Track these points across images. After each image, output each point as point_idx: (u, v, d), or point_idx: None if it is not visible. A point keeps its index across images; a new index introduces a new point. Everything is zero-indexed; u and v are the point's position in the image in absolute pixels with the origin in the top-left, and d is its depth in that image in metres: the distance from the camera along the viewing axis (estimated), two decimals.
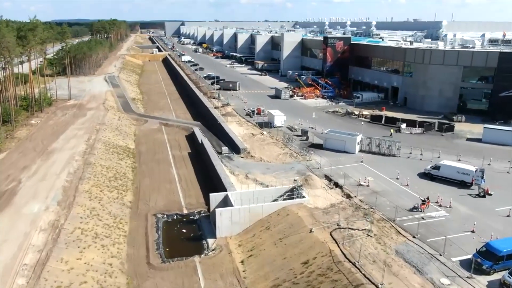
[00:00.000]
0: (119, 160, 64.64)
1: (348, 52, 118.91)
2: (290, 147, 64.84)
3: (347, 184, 50.61)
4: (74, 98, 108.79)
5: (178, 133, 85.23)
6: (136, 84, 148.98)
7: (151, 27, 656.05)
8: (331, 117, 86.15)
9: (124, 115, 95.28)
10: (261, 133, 72.92)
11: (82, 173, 55.17)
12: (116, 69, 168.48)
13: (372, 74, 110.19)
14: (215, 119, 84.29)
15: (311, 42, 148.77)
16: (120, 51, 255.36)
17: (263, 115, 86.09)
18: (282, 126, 76.64)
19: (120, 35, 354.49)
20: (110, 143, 71.56)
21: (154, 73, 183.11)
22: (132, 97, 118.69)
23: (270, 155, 62.00)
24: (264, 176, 54.47)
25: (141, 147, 75.70)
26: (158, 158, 69.45)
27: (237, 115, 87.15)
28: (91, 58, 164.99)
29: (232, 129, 75.69)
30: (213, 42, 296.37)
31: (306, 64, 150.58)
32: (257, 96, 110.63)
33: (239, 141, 67.74)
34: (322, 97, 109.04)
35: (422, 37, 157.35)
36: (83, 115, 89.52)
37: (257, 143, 68.03)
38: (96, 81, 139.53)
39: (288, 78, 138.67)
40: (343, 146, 62.56)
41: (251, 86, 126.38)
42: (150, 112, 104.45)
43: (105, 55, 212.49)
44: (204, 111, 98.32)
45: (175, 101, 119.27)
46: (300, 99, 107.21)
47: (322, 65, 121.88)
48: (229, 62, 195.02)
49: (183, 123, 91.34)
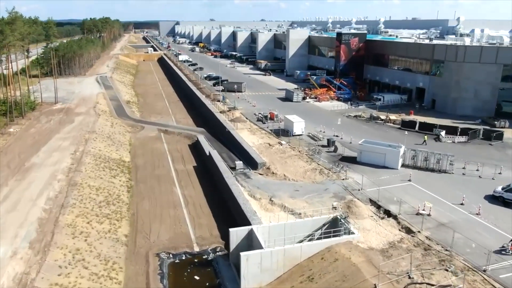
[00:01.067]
0: (111, 178, 53.55)
1: (363, 49, 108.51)
2: (317, 161, 54.08)
3: (402, 212, 39.94)
4: (61, 101, 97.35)
5: (180, 142, 74.25)
6: (131, 86, 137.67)
7: (145, 27, 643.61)
8: (354, 123, 75.56)
9: (117, 121, 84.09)
10: (279, 143, 62.15)
11: (65, 198, 44.06)
12: (108, 69, 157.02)
13: (392, 74, 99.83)
14: (222, 126, 73.40)
15: (320, 39, 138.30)
16: (113, 51, 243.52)
17: (277, 120, 75.34)
18: (302, 134, 65.92)
19: (113, 34, 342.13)
20: (101, 156, 60.43)
21: (149, 74, 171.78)
22: (126, 100, 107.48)
23: (296, 172, 51.23)
24: (294, 201, 43.69)
25: (138, 159, 64.66)
26: (158, 174, 58.46)
27: (247, 121, 76.31)
28: (82, 57, 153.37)
29: (244, 138, 64.87)
30: (210, 41, 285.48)
31: (314, 63, 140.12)
32: (265, 98, 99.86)
33: (255, 154, 56.92)
34: (337, 99, 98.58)
35: (436, 34, 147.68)
36: (70, 122, 78.19)
37: (276, 156, 57.22)
38: (87, 82, 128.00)
39: (296, 79, 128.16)
40: (382, 160, 51.95)
41: (256, 87, 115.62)
42: (147, 116, 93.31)
43: (97, 55, 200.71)
44: (208, 116, 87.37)
45: (174, 104, 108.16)
46: (313, 101, 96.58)
47: (335, 64, 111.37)
48: (229, 62, 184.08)
49: (185, 130, 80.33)
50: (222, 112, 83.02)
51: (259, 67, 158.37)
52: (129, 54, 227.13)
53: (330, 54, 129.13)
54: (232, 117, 78.21)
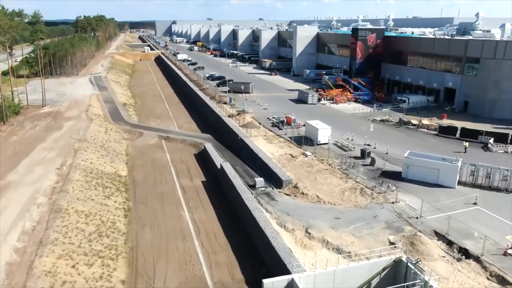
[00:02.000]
0: (105, 199, 44.04)
1: (381, 46, 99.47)
2: (355, 178, 44.81)
3: (483, 251, 30.73)
4: (50, 104, 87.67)
5: (184, 151, 64.81)
6: (127, 86, 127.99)
7: (140, 26, 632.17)
8: (383, 128, 66.36)
9: (112, 126, 74.50)
10: (303, 154, 52.84)
11: (44, 231, 34.58)
12: (103, 69, 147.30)
13: (415, 73, 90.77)
14: (232, 133, 64.00)
15: (330, 36, 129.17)
16: (108, 50, 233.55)
17: (294, 126, 66.06)
18: (328, 142, 56.64)
19: (109, 33, 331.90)
20: (93, 170, 50.88)
21: (147, 73, 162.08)
22: (122, 102, 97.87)
23: (331, 192, 41.95)
24: (337, 233, 34.40)
25: (137, 173, 55.16)
26: (161, 192, 49.01)
27: (261, 127, 66.96)
28: (75, 56, 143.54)
29: (260, 147, 55.52)
30: (209, 40, 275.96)
31: (323, 62, 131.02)
32: (275, 100, 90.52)
33: (277, 168, 47.56)
34: (354, 100, 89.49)
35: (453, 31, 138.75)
36: (58, 128, 68.57)
37: (302, 171, 47.93)
38: (80, 83, 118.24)
39: (305, 79, 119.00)
40: (435, 176, 42.79)
41: (264, 88, 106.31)
42: (146, 121, 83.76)
43: (91, 54, 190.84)
44: (214, 120, 77.96)
45: (174, 107, 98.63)
46: (329, 103, 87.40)
47: (350, 63, 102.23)
48: (230, 61, 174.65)
49: (189, 137, 70.88)
50: (231, 116, 73.61)
51: (263, 66, 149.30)
52: (125, 53, 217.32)
53: (342, 52, 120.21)
54: (243, 122, 68.82)
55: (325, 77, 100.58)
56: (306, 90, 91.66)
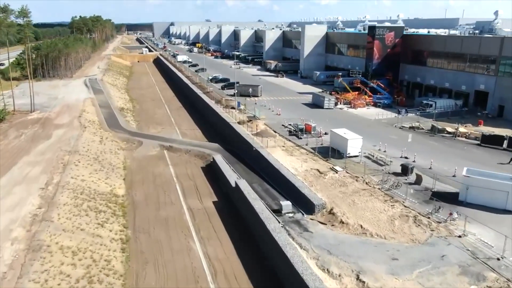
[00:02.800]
0: (98, 228, 36.00)
1: (400, 46, 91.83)
2: (402, 201, 36.88)
3: None
4: (39, 109, 79.59)
5: (189, 163, 56.87)
6: (124, 89, 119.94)
7: (138, 28, 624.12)
8: (415, 137, 58.23)
9: (108, 135, 66.48)
10: (332, 169, 44.93)
11: (17, 280, 26.54)
12: (99, 71, 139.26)
13: (440, 75, 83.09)
14: (245, 142, 56.07)
15: (341, 36, 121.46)
16: (105, 52, 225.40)
17: (314, 134, 58.17)
18: (358, 155, 48.74)
19: (106, 34, 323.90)
20: (84, 189, 42.85)
21: (145, 75, 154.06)
22: (119, 107, 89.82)
23: (377, 220, 34.02)
24: (400, 282, 26.45)
25: (136, 191, 47.17)
26: (165, 217, 41.02)
27: (277, 135, 59.02)
28: (69, 57, 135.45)
29: (280, 160, 47.59)
30: (209, 41, 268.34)
31: (333, 63, 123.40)
32: (287, 104, 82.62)
33: (306, 189, 39.60)
34: (373, 104, 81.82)
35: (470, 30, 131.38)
36: (46, 137, 60.52)
37: (335, 191, 40.02)
38: (74, 86, 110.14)
39: (315, 81, 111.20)
40: (503, 200, 34.95)
41: (272, 91, 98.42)
42: (145, 128, 75.80)
43: (87, 55, 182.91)
44: (222, 127, 70.08)
45: (176, 112, 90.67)
46: (347, 108, 79.61)
47: (366, 63, 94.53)
48: (233, 62, 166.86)
49: (195, 146, 62.91)
50: (241, 122, 65.65)
51: (268, 68, 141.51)
52: (122, 54, 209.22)
53: (354, 53, 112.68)
54: (256, 129, 60.89)
55: (341, 79, 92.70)
56: (321, 94, 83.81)
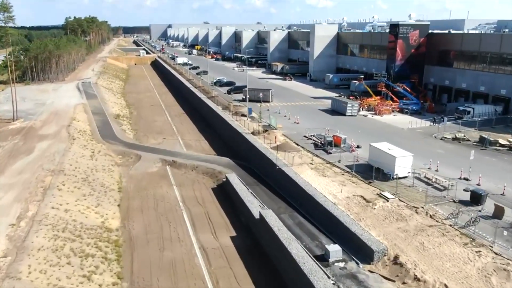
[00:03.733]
0: (82, 283, 26.75)
1: (424, 46, 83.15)
2: (489, 245, 27.77)
3: None
4: (24, 117, 70.33)
5: (197, 183, 47.70)
6: (121, 94, 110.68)
7: (135, 31, 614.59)
8: (463, 151, 49.25)
9: (101, 147, 57.23)
10: (380, 195, 35.83)
11: None
12: (94, 74, 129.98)
13: (473, 77, 74.27)
14: (264, 158, 46.92)
15: (355, 36, 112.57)
16: (100, 54, 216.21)
17: (345, 148, 49.14)
18: (408, 175, 39.66)
19: (102, 36, 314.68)
20: (68, 224, 33.61)
21: (142, 79, 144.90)
22: (114, 114, 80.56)
23: (465, 277, 24.90)
24: None
25: (134, 223, 37.97)
26: (172, 261, 31.80)
27: (301, 149, 49.87)
28: (61, 59, 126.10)
29: (311, 181, 38.48)
30: (208, 43, 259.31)
31: (345, 65, 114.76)
32: (304, 111, 73.57)
33: (357, 226, 30.43)
34: (399, 110, 73.04)
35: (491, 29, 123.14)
36: (27, 152, 51.22)
37: (392, 228, 30.90)
38: (65, 90, 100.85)
39: (328, 84, 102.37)
40: None
41: (283, 96, 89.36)
42: (144, 138, 66.65)
43: (81, 58, 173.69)
44: (232, 138, 61.00)
45: (178, 119, 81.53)
46: (371, 115, 70.73)
47: (387, 65, 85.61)
48: (235, 65, 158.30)
49: (203, 161, 53.72)
50: (256, 133, 56.51)
51: (273, 71, 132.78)
52: (118, 57, 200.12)
53: (369, 54, 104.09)
54: (274, 141, 51.77)
55: (363, 82, 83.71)
56: (342, 99, 74.89)
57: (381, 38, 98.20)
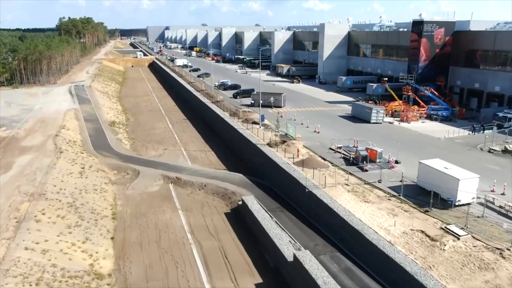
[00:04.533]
0: None
1: (449, 45, 75.78)
2: None
3: None
4: (7, 125, 62.47)
5: (207, 207, 39.87)
6: (117, 97, 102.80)
7: (132, 34, 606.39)
8: None
9: (93, 161, 49.31)
10: (446, 230, 28.08)
11: None
12: (88, 77, 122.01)
13: (510, 80, 66.88)
14: (286, 176, 39.17)
15: (370, 35, 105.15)
16: (96, 56, 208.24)
17: (382, 163, 41.42)
18: (472, 202, 31.96)
19: (98, 38, 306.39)
20: (46, 271, 25.68)
21: (140, 81, 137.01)
22: (109, 120, 72.69)
23: None
24: None
25: (132, 264, 30.05)
26: None
27: (329, 165, 42.07)
28: (52, 61, 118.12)
29: (352, 210, 30.72)
30: (208, 45, 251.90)
31: (357, 67, 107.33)
32: (321, 117, 65.92)
33: (428, 277, 22.69)
34: (427, 116, 65.65)
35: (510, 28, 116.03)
36: (4, 168, 43.22)
37: (478, 282, 23.15)
38: (56, 94, 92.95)
39: (340, 87, 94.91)
40: None
41: (294, 100, 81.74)
42: (142, 149, 58.81)
43: (76, 59, 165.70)
44: (244, 150, 53.22)
45: (179, 126, 73.74)
46: (398, 122, 63.17)
47: (409, 66, 78.05)
48: (237, 67, 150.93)
49: (212, 179, 45.86)
50: (273, 144, 48.68)
51: (279, 73, 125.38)
52: (115, 59, 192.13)
53: (384, 55, 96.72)
54: (297, 155, 44.00)
55: (386, 85, 76.03)
56: (364, 104, 67.31)
57: (398, 38, 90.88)
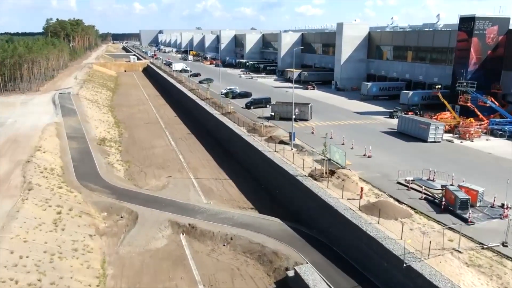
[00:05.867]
0: None
1: (503, 46, 64.07)
2: None
3: None
4: None
5: (240, 278, 27.08)
6: (108, 107, 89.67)
7: (124, 38, 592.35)
8: None
9: (75, 198, 36.23)
10: None
11: None
12: (76, 83, 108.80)
13: None
14: (358, 233, 26.59)
15: (397, 35, 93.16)
16: (86, 60, 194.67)
17: (484, 208, 28.96)
18: None
19: (88, 42, 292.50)
20: None
21: (134, 88, 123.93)
22: (99, 137, 59.61)
23: None
24: None
25: None
26: None
27: (411, 212, 29.48)
28: (35, 65, 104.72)
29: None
30: (205, 48, 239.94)
31: (379, 71, 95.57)
32: (359, 133, 53.41)
33: None
34: (489, 132, 53.62)
35: None
36: None
37: None
38: (36, 104, 79.72)
39: (365, 95, 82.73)
40: None
41: (320, 111, 68.92)
42: (140, 177, 45.82)
43: (64, 64, 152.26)
44: (274, 180, 40.43)
45: (184, 143, 60.91)
46: (458, 140, 50.92)
47: (454, 71, 66.13)
48: (240, 71, 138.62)
49: (239, 226, 33.02)
50: (318, 176, 35.95)
51: (288, 78, 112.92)
52: (106, 63, 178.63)
53: (414, 58, 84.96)
54: (360, 196, 31.33)
55: (439, 94, 63.49)
56: (416, 117, 54.88)
57: (433, 38, 79.14)
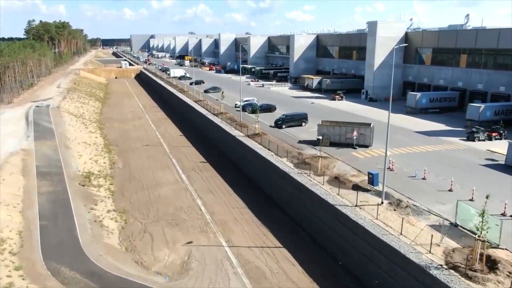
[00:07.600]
0: None
1: None
2: None
3: None
4: None
5: None
6: (97, 122, 73.10)
7: (114, 43, 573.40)
8: None
9: None
10: None
11: None
12: (58, 92, 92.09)
13: None
14: None
15: (444, 36, 78.11)
16: (73, 66, 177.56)
17: None
18: None
19: (76, 46, 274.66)
20: None
21: (127, 97, 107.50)
22: (82, 172, 43.08)
23: None
24: None
25: None
26: None
27: None
28: (9, 71, 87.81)
29: None
30: (202, 53, 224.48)
31: (421, 78, 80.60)
32: (446, 166, 37.85)
33: None
34: None
35: None
36: None
37: None
38: (3, 121, 62.95)
39: (413, 108, 67.49)
40: None
41: None
42: (143, 243, 29.44)
43: (47, 70, 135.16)
44: (367, 259, 24.54)
45: (199, 176, 44.74)
46: None
47: None
48: (246, 78, 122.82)
49: None
50: (467, 268, 20.24)
51: (306, 86, 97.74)
52: (95, 69, 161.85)
53: (468, 63, 70.16)
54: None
55: None
56: None
57: (498, 38, 64.34)
